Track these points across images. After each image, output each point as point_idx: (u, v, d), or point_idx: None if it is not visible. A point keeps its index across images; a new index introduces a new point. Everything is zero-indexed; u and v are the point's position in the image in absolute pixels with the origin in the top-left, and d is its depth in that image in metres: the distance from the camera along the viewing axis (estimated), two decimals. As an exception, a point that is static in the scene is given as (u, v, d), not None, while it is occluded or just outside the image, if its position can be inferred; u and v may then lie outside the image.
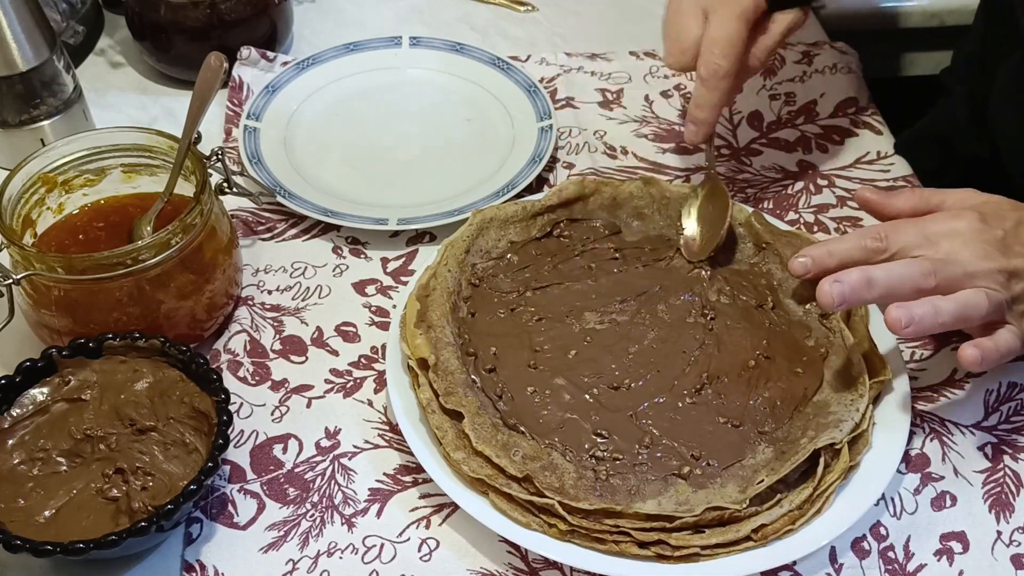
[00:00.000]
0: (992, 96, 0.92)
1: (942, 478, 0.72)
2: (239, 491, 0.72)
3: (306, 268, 0.86)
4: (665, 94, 1.03)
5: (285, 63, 1.02)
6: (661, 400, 0.73)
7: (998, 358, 0.68)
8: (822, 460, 0.68)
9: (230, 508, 0.71)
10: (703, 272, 0.80)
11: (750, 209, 0.83)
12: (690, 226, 0.82)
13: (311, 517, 0.70)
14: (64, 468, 0.69)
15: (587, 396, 0.73)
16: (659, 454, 0.69)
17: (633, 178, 0.87)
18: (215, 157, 0.80)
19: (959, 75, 1.04)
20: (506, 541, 0.69)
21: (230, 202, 0.89)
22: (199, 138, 0.80)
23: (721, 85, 0.78)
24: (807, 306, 0.78)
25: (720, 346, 0.76)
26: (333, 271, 0.86)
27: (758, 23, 0.79)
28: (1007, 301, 0.67)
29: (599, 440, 0.70)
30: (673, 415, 0.72)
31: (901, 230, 0.69)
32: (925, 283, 0.66)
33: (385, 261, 0.87)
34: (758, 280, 0.80)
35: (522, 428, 0.70)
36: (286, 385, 0.78)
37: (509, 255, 0.81)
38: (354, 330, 0.82)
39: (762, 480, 0.66)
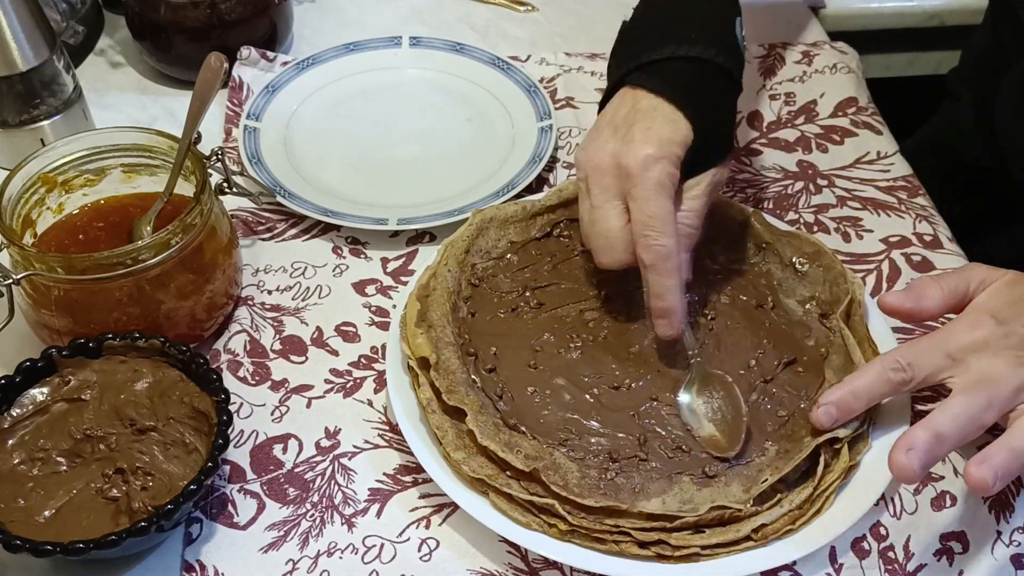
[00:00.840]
0: (999, 103, 0.92)
1: (942, 478, 0.72)
2: (239, 491, 0.72)
3: (306, 268, 0.86)
4: (665, 94, 1.03)
5: (285, 63, 1.02)
6: (663, 400, 0.73)
7: (1019, 467, 0.63)
8: (822, 460, 0.68)
9: (230, 508, 0.71)
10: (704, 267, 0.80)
11: (750, 209, 0.83)
12: (701, 425, 0.71)
13: (311, 517, 0.70)
14: (64, 468, 0.69)
15: (588, 396, 0.73)
16: (662, 453, 0.69)
17: None
18: (215, 157, 0.80)
19: (966, 79, 1.04)
20: (506, 541, 0.69)
21: (230, 202, 0.89)
22: (199, 138, 0.80)
23: (671, 266, 0.69)
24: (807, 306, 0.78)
25: (720, 346, 0.76)
26: (333, 271, 0.86)
27: (680, 190, 0.72)
28: None
29: (601, 440, 0.70)
30: (675, 414, 0.72)
31: (922, 354, 0.66)
32: (988, 418, 0.64)
33: (385, 261, 0.87)
34: (758, 280, 0.80)
35: (523, 428, 0.70)
36: (286, 385, 0.78)
37: (509, 255, 0.81)
38: (354, 330, 0.82)
39: (766, 479, 0.66)
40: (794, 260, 0.80)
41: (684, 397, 0.73)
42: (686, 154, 0.71)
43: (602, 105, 0.76)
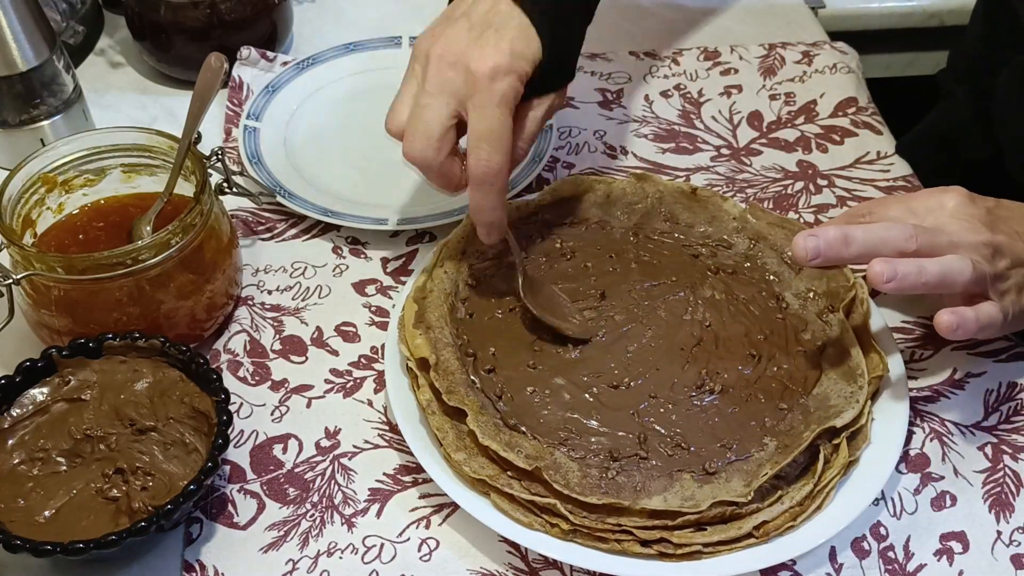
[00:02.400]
0: (996, 98, 0.92)
1: (942, 478, 0.72)
2: (239, 491, 0.72)
3: (306, 268, 0.86)
4: (665, 94, 1.03)
5: (285, 63, 1.02)
6: (662, 397, 0.73)
7: (976, 329, 0.67)
8: (821, 455, 0.68)
9: (230, 508, 0.71)
10: (698, 265, 0.81)
11: (743, 205, 0.83)
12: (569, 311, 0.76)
13: (311, 517, 0.70)
14: (64, 468, 0.69)
15: (587, 395, 0.73)
16: (662, 451, 0.69)
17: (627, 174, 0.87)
18: (215, 157, 0.80)
19: (958, 76, 1.04)
20: (506, 541, 0.69)
21: (230, 202, 0.89)
22: (199, 138, 0.80)
23: (497, 184, 0.69)
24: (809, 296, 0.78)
25: (717, 342, 0.76)
26: (333, 271, 0.86)
27: (517, 111, 0.71)
28: (990, 276, 0.67)
29: (602, 439, 0.70)
30: (674, 412, 0.72)
31: (887, 205, 0.70)
32: (906, 246, 0.66)
33: (385, 261, 0.87)
34: (753, 274, 0.80)
35: (523, 428, 0.70)
36: (286, 385, 0.78)
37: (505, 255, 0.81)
38: (354, 330, 0.82)
39: (766, 472, 0.67)
40: (790, 254, 0.80)
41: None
42: (532, 73, 0.70)
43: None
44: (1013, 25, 0.88)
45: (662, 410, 0.72)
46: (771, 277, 0.80)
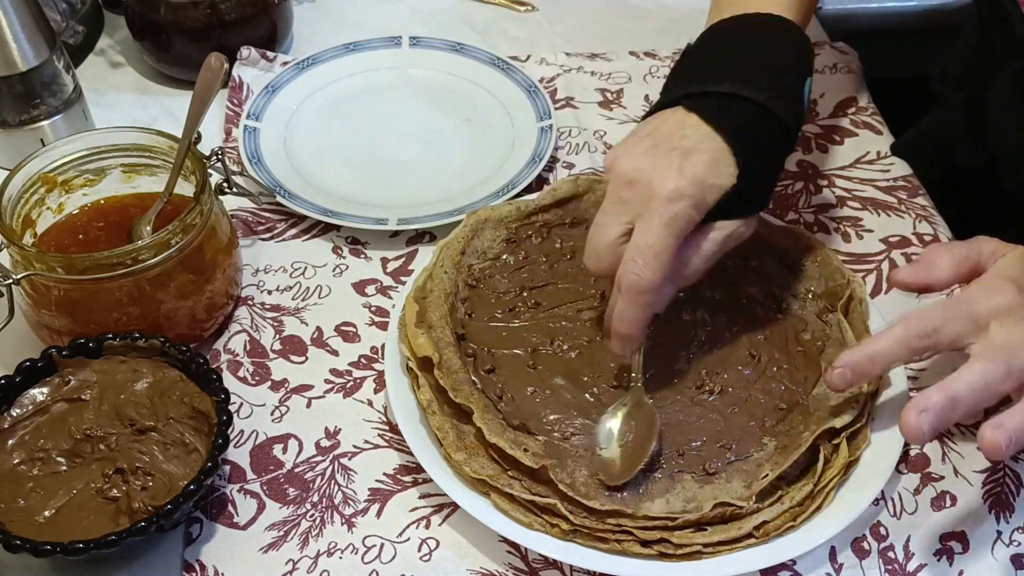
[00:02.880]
0: (990, 105, 0.92)
1: (942, 478, 0.72)
2: (239, 491, 0.72)
3: (306, 268, 0.86)
4: (665, 94, 1.03)
5: (285, 63, 1.02)
6: (662, 397, 0.73)
7: None
8: (821, 455, 0.68)
9: (230, 508, 0.71)
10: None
11: None
12: (609, 445, 0.69)
13: (311, 517, 0.70)
14: (64, 468, 0.69)
15: (588, 395, 0.73)
16: (664, 450, 0.69)
17: None
18: (215, 157, 0.80)
19: (953, 83, 1.04)
20: (506, 541, 0.69)
21: (230, 202, 0.89)
22: (199, 138, 0.80)
23: (641, 299, 0.66)
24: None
25: (718, 342, 0.76)
26: (333, 271, 0.86)
27: (696, 230, 0.68)
28: None
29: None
30: (675, 412, 0.72)
31: (947, 320, 0.64)
32: (1005, 386, 0.63)
33: (385, 261, 0.87)
34: (753, 275, 0.80)
35: (530, 428, 0.70)
36: (286, 385, 0.78)
37: (505, 256, 0.81)
38: (354, 330, 0.82)
39: (766, 474, 0.67)
40: (790, 254, 0.80)
41: (610, 416, 0.70)
42: (718, 201, 0.67)
43: (647, 115, 0.72)
44: (1007, 33, 0.88)
45: (663, 410, 0.72)
46: (770, 277, 0.80)
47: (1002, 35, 0.90)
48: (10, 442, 0.69)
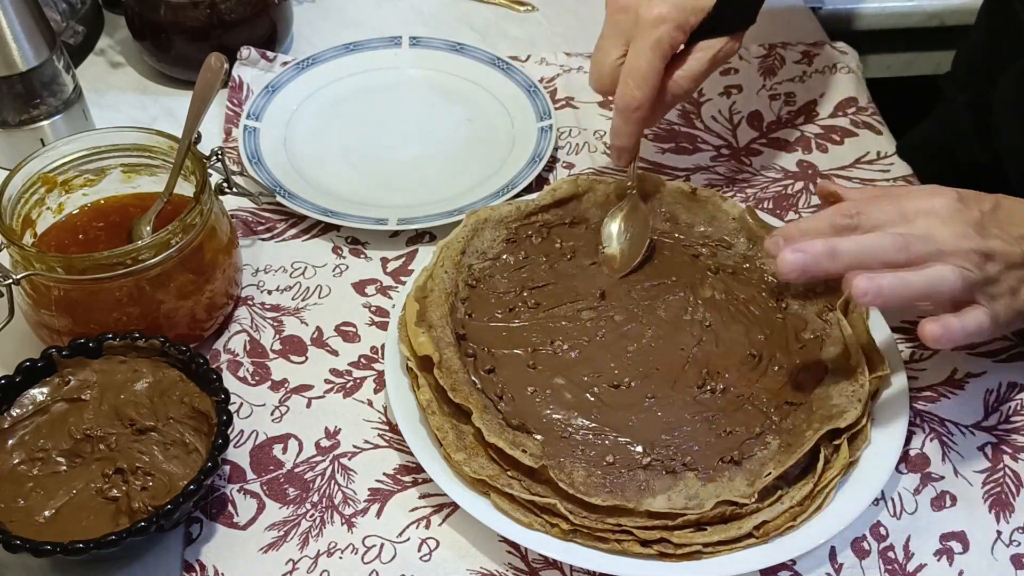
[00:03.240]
0: (995, 104, 0.92)
1: (942, 478, 0.72)
2: (239, 491, 0.72)
3: (306, 268, 0.86)
4: (665, 94, 1.03)
5: (285, 63, 1.02)
6: (663, 397, 0.73)
7: (963, 337, 0.65)
8: (822, 456, 0.68)
9: (230, 508, 0.71)
10: (699, 264, 0.81)
11: (742, 205, 0.83)
12: (611, 243, 0.82)
13: (311, 517, 0.70)
14: (64, 468, 0.69)
15: (588, 395, 0.73)
16: (665, 450, 0.69)
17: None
18: (215, 157, 0.80)
19: (960, 82, 1.04)
20: (506, 541, 0.69)
21: (230, 202, 0.89)
22: (199, 138, 0.80)
23: (634, 116, 0.78)
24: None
25: (718, 342, 0.76)
26: (333, 271, 0.86)
27: (682, 52, 0.79)
28: (979, 282, 0.65)
29: (605, 439, 0.70)
30: (677, 411, 0.72)
31: (876, 206, 0.67)
32: (895, 257, 0.64)
33: (385, 261, 0.87)
34: (752, 275, 0.80)
35: (530, 427, 0.70)
36: (286, 385, 0.78)
37: (505, 255, 0.81)
38: (354, 330, 0.82)
39: (769, 472, 0.67)
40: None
41: (611, 219, 0.82)
42: (701, 20, 0.76)
43: None
44: (1015, 31, 0.88)
45: (664, 409, 0.72)
46: (769, 278, 0.80)
47: (1009, 34, 0.90)
48: (10, 442, 0.69)
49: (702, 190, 0.84)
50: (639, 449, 0.70)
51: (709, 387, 0.73)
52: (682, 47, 0.78)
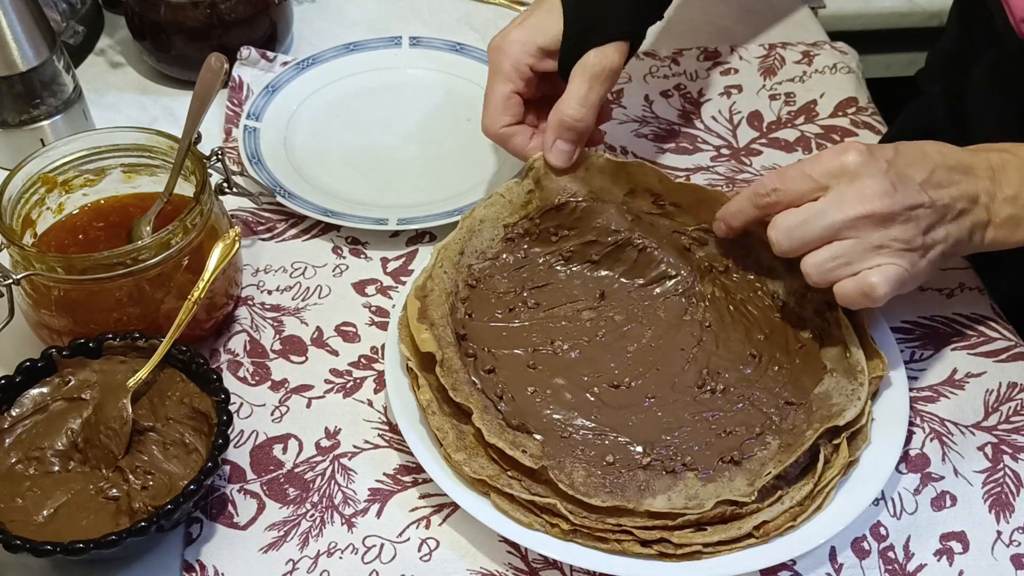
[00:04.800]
0: (969, 95, 0.92)
1: (942, 478, 0.72)
2: (239, 491, 0.72)
3: (306, 268, 0.86)
4: (665, 94, 1.03)
5: (285, 63, 1.02)
6: (663, 397, 0.73)
7: (884, 295, 0.66)
8: (822, 455, 0.68)
9: (230, 508, 0.71)
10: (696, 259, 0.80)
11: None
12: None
13: (311, 517, 0.70)
14: (62, 468, 0.69)
15: (588, 395, 0.73)
16: (665, 450, 0.69)
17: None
18: (215, 157, 0.80)
19: (934, 75, 1.04)
20: (506, 541, 0.69)
21: (230, 202, 0.89)
22: (199, 138, 0.80)
23: (493, 138, 0.81)
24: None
25: (717, 342, 0.76)
26: (333, 271, 0.86)
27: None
28: (882, 242, 0.66)
29: (605, 439, 0.70)
30: (677, 411, 0.72)
31: (789, 179, 0.68)
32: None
33: (385, 261, 0.87)
34: (747, 275, 0.80)
35: (530, 427, 0.70)
36: (286, 385, 0.78)
37: (504, 255, 0.81)
38: (354, 330, 0.82)
39: (769, 472, 0.67)
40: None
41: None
42: (560, 43, 0.77)
43: None
44: (986, 23, 0.88)
45: (664, 409, 0.72)
46: (767, 276, 0.80)
47: (982, 25, 0.90)
48: (9, 441, 0.69)
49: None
50: (639, 449, 0.70)
51: (709, 387, 0.73)
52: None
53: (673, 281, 0.80)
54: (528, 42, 0.78)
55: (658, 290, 0.80)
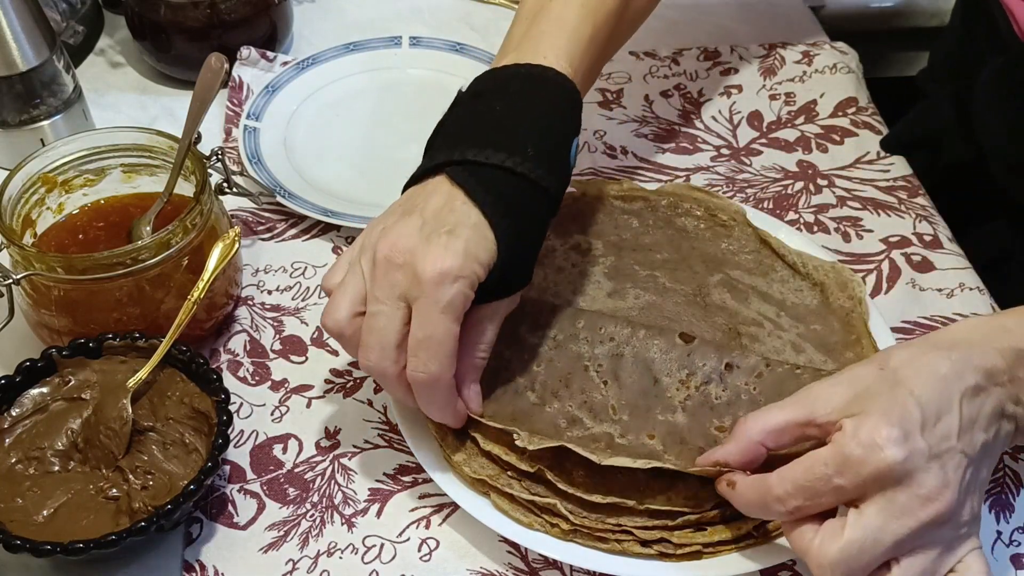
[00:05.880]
0: (975, 100, 0.92)
1: (942, 478, 0.72)
2: (239, 491, 0.72)
3: (306, 268, 0.86)
4: (665, 94, 1.03)
5: (285, 63, 1.02)
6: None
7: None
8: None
9: (230, 508, 0.71)
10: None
11: (743, 206, 0.83)
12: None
13: (311, 517, 0.70)
14: (61, 468, 0.69)
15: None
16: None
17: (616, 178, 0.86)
18: (215, 157, 0.80)
19: (938, 76, 1.04)
20: (506, 541, 0.69)
21: (230, 202, 0.89)
22: (199, 138, 0.80)
23: (436, 392, 0.64)
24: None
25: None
26: (333, 271, 0.86)
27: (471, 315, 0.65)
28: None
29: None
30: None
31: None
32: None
33: (385, 261, 0.87)
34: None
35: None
36: (286, 385, 0.78)
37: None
38: (354, 330, 0.82)
39: None
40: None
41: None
42: (486, 277, 0.64)
43: (411, 182, 0.70)
44: (990, 29, 0.88)
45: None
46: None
47: (985, 31, 0.90)
48: (8, 441, 0.69)
49: (700, 189, 0.84)
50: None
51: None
52: None
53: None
54: (474, 279, 0.63)
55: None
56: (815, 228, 0.90)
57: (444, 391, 0.65)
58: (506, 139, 0.67)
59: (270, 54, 1.02)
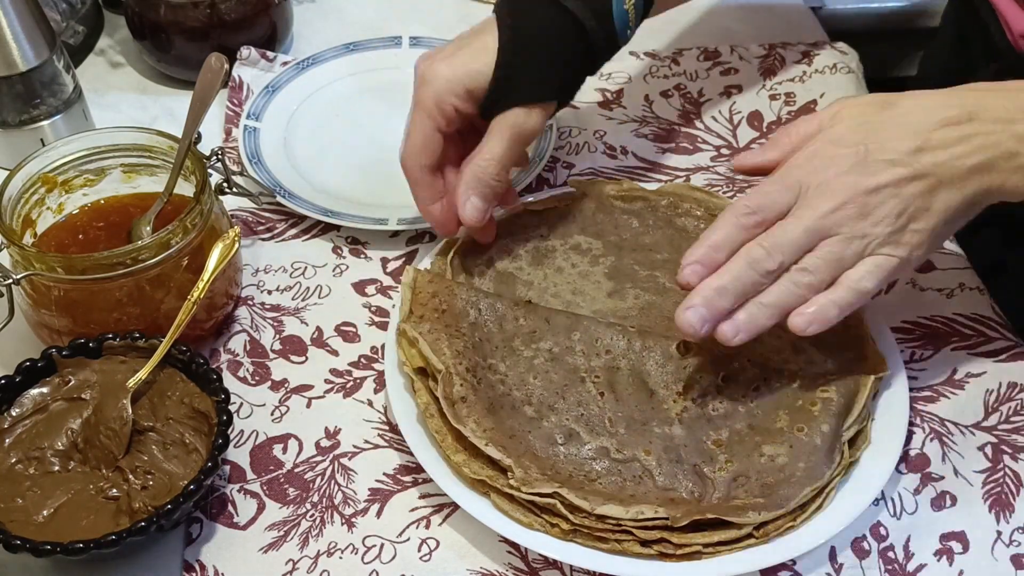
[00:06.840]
0: None
1: (942, 478, 0.72)
2: (239, 491, 0.72)
3: (306, 268, 0.86)
4: (665, 94, 1.03)
5: (285, 63, 1.02)
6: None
7: (837, 313, 0.64)
8: (822, 456, 0.68)
9: (230, 508, 0.71)
10: None
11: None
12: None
13: (311, 517, 0.70)
14: (61, 468, 0.69)
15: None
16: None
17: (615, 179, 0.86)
18: (215, 157, 0.81)
19: (932, 84, 1.03)
20: (506, 541, 0.69)
21: (230, 202, 0.89)
22: (199, 138, 0.80)
23: (412, 176, 0.76)
24: None
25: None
26: (333, 271, 0.86)
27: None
28: (858, 237, 0.63)
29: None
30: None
31: (766, 194, 0.65)
32: (770, 266, 0.64)
33: (385, 261, 0.87)
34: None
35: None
36: (286, 385, 0.78)
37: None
38: (354, 330, 0.82)
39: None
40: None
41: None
42: (486, 88, 0.73)
43: None
44: (984, 36, 0.88)
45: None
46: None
47: (979, 38, 0.90)
48: (8, 441, 0.69)
49: (700, 189, 0.85)
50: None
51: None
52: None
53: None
54: (455, 81, 0.73)
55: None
56: (815, 228, 0.89)
57: (414, 178, 0.76)
58: None
59: (270, 54, 1.02)
